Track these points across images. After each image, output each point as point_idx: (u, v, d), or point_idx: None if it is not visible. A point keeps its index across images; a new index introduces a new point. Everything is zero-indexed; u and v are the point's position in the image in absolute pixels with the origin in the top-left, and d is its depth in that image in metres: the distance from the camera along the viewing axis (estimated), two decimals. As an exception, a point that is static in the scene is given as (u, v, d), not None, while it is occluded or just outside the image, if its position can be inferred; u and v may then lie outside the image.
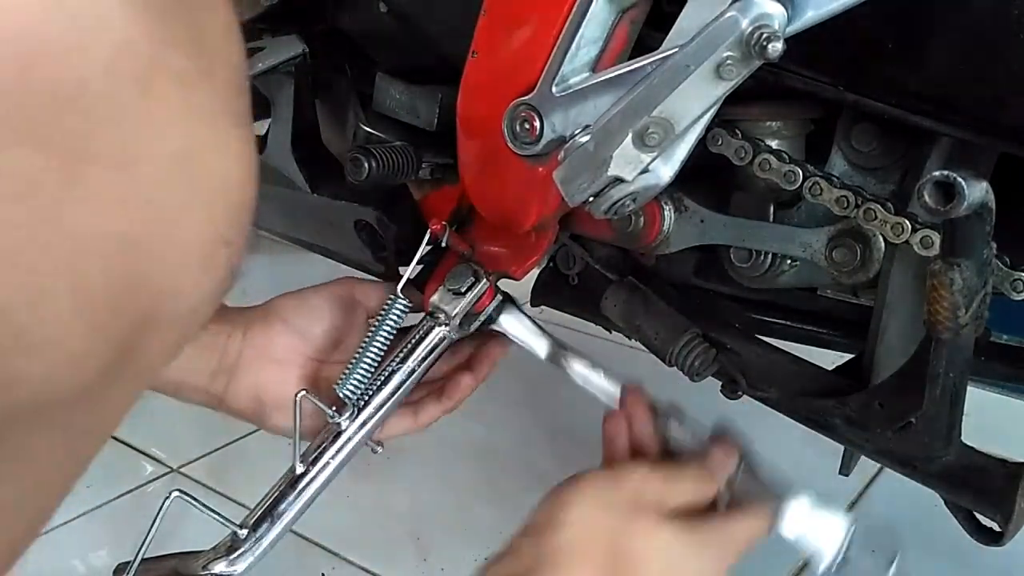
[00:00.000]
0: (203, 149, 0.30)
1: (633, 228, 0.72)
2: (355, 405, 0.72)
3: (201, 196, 0.31)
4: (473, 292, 0.74)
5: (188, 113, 0.29)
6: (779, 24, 0.49)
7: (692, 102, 0.53)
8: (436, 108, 0.75)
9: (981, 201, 0.51)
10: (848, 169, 0.65)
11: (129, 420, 0.35)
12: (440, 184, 0.80)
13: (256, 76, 0.82)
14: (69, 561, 1.09)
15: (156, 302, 0.30)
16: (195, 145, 0.30)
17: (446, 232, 0.71)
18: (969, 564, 1.06)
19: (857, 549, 0.69)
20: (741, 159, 0.64)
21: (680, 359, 0.72)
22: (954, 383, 0.60)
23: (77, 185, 0.27)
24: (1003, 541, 0.65)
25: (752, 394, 0.73)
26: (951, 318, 0.56)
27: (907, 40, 0.54)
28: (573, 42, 0.57)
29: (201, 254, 0.31)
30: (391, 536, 1.09)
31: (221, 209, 0.31)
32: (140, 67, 0.27)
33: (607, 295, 0.78)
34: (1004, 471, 0.64)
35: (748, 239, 0.68)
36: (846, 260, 0.64)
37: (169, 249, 0.30)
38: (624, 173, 0.56)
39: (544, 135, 0.60)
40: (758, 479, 0.69)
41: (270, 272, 0.75)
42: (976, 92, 0.54)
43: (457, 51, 0.64)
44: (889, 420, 0.64)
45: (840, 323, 0.78)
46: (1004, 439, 0.90)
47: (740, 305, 0.80)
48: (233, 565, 0.69)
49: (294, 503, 0.71)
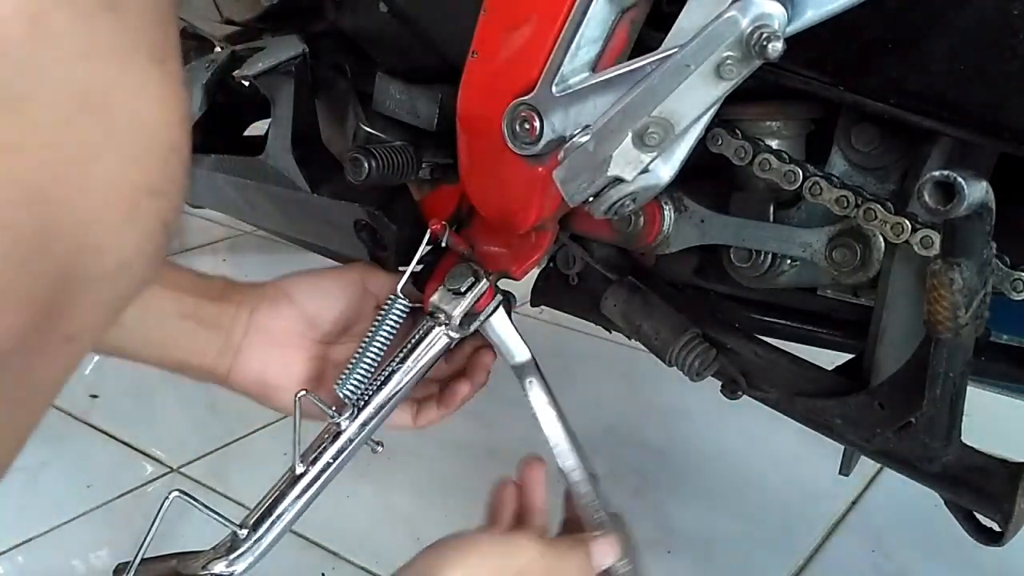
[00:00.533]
0: (111, 88, 0.28)
1: (633, 228, 0.72)
2: (355, 405, 0.72)
3: (113, 140, 0.28)
4: (473, 292, 0.74)
5: (90, 49, 0.27)
6: (779, 24, 0.49)
7: (692, 102, 0.53)
8: (436, 108, 0.75)
9: (981, 201, 0.51)
10: (848, 169, 0.65)
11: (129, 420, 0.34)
12: (440, 184, 0.80)
13: (256, 76, 0.82)
14: (69, 561, 1.09)
15: (74, 258, 0.28)
16: (100, 84, 0.27)
17: (446, 232, 0.71)
18: (969, 564, 1.06)
19: (857, 549, 0.69)
20: (741, 159, 0.64)
21: (680, 359, 0.72)
22: (954, 383, 0.60)
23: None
24: (1003, 541, 0.65)
25: (752, 394, 0.73)
26: (951, 318, 0.56)
27: (907, 40, 0.54)
28: (573, 42, 0.57)
29: (121, 204, 0.29)
30: (391, 536, 1.09)
31: (141, 154, 0.29)
32: (34, 5, 0.25)
33: (607, 295, 0.78)
34: (1004, 471, 0.64)
35: (748, 239, 0.68)
36: (846, 260, 0.64)
37: (81, 199, 0.27)
38: (624, 173, 0.56)
39: (544, 135, 0.60)
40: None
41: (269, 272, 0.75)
42: (976, 92, 0.54)
43: (457, 51, 0.64)
44: (889, 420, 0.64)
45: (840, 323, 0.77)
46: (1004, 439, 0.90)
47: (740, 305, 0.80)
48: (233, 565, 0.69)
49: (294, 503, 0.71)
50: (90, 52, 0.27)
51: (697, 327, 0.73)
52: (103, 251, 0.29)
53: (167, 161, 0.30)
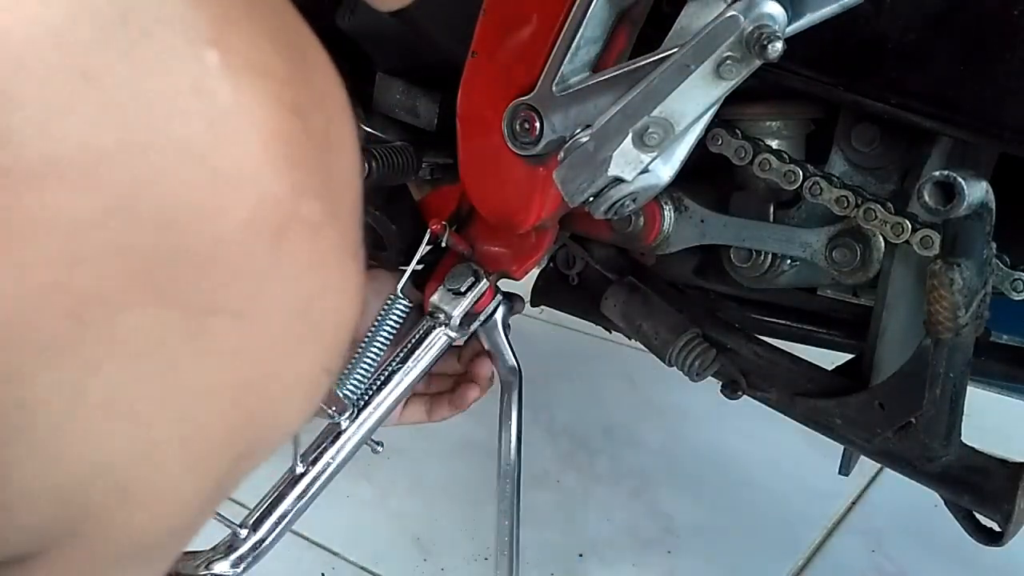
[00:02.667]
0: (324, 293, 0.29)
1: (633, 228, 0.72)
2: (355, 405, 0.72)
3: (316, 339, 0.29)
4: (473, 292, 0.74)
5: (314, 261, 0.28)
6: (779, 24, 0.49)
7: (692, 102, 0.53)
8: (436, 108, 0.75)
9: (981, 201, 0.51)
10: (848, 169, 0.65)
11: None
12: (440, 184, 0.80)
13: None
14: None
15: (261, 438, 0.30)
16: (317, 292, 0.29)
17: (446, 232, 0.71)
18: (969, 564, 1.06)
19: (858, 549, 0.70)
20: (741, 159, 0.64)
21: (680, 359, 0.72)
22: (954, 383, 0.60)
23: (198, 338, 0.26)
24: (1003, 541, 0.65)
25: (752, 394, 0.73)
26: (951, 318, 0.56)
27: (907, 40, 0.54)
28: (573, 42, 0.57)
29: (307, 388, 0.30)
30: (391, 536, 1.09)
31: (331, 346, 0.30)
32: (276, 221, 0.26)
33: (607, 295, 0.78)
34: (1004, 471, 0.64)
35: (748, 239, 0.68)
36: (846, 260, 0.64)
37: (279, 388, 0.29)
38: (624, 173, 0.56)
39: (544, 135, 0.59)
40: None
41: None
42: (976, 92, 0.54)
43: (457, 51, 0.64)
44: (889, 420, 0.64)
45: (840, 323, 0.77)
46: (1004, 439, 0.90)
47: (740, 305, 0.80)
48: (233, 566, 0.69)
49: (295, 503, 0.71)
50: (315, 263, 0.28)
51: (697, 327, 0.73)
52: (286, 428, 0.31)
53: (345, 345, 0.31)
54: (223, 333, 0.26)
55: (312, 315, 0.29)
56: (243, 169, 0.25)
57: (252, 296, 0.26)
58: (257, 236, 0.26)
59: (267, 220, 0.26)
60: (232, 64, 0.25)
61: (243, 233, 0.25)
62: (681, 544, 1.12)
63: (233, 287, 0.26)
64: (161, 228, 0.24)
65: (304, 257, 0.28)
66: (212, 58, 0.24)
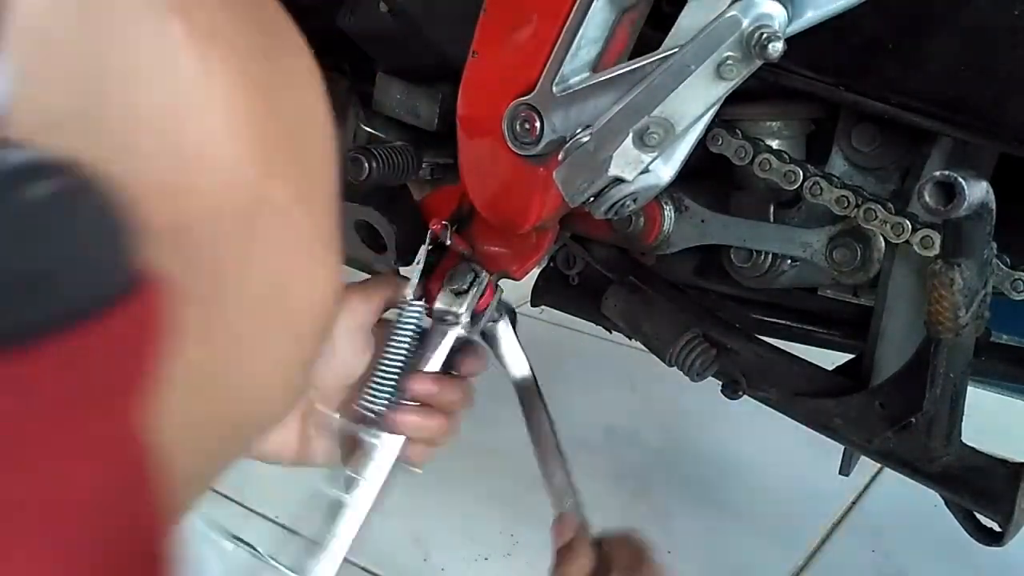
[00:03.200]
0: (293, 280, 0.28)
1: (633, 228, 0.72)
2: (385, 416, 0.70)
3: (289, 326, 0.29)
4: (475, 288, 0.73)
5: (284, 247, 0.28)
6: (779, 24, 0.49)
7: (692, 102, 0.53)
8: (436, 108, 0.75)
9: (981, 201, 0.51)
10: (848, 169, 0.65)
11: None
12: (440, 184, 0.80)
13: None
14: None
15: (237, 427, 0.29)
16: (286, 278, 0.28)
17: (447, 232, 0.71)
18: (969, 564, 1.07)
19: (858, 549, 0.70)
20: (741, 159, 0.64)
21: (680, 359, 0.72)
22: (954, 383, 0.60)
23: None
24: (1003, 541, 0.65)
25: (752, 394, 0.73)
26: (951, 318, 0.56)
27: (907, 40, 0.54)
28: (573, 42, 0.57)
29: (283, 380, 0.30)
30: (391, 536, 1.09)
31: (306, 335, 0.30)
32: (244, 206, 0.26)
33: (607, 295, 0.77)
34: (1004, 471, 0.64)
35: (748, 239, 0.68)
36: (846, 260, 0.64)
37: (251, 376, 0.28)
38: (624, 173, 0.56)
39: (544, 135, 0.59)
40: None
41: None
42: (976, 92, 0.54)
43: (457, 51, 0.64)
44: (889, 420, 0.64)
45: (840, 323, 0.78)
46: (1004, 439, 0.90)
47: (740, 305, 0.80)
48: None
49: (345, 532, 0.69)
50: (284, 249, 0.28)
51: (697, 327, 0.73)
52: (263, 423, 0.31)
53: (322, 337, 0.31)
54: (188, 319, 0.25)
55: (283, 302, 0.28)
56: (206, 145, 0.24)
57: (217, 285, 0.26)
58: (224, 223, 0.25)
59: (234, 206, 0.25)
60: (196, 35, 0.24)
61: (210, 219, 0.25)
62: (681, 544, 1.12)
63: (198, 275, 0.25)
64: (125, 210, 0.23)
65: (272, 245, 0.27)
66: (176, 27, 0.24)
